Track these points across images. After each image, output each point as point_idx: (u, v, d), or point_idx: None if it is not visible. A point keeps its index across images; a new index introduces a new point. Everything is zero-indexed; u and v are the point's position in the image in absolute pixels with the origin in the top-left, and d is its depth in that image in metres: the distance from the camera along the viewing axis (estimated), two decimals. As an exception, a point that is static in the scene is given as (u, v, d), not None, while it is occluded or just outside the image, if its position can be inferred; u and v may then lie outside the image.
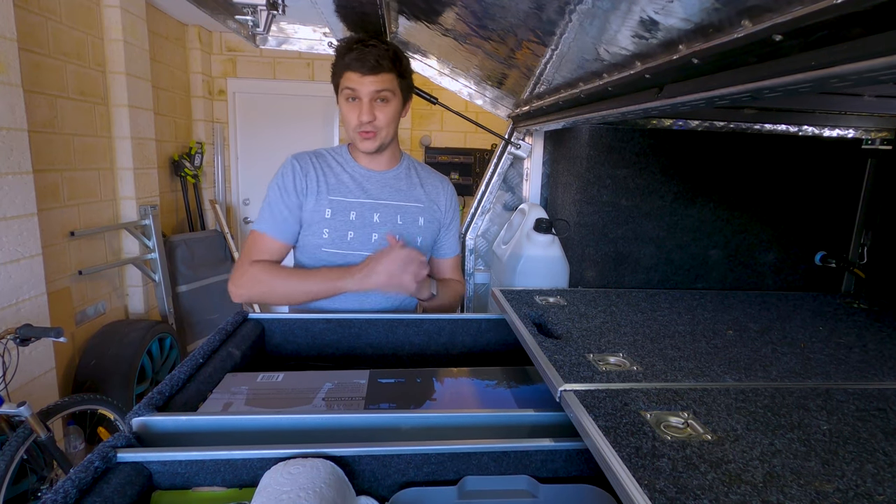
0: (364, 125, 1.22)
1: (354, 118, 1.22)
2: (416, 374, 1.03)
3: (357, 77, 1.19)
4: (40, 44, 2.52)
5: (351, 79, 1.20)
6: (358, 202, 1.28)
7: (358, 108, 1.21)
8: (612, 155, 1.48)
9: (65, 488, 0.59)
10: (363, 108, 1.21)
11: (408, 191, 1.34)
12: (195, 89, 4.22)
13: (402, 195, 1.33)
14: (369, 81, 1.19)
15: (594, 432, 0.64)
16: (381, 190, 1.31)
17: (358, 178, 1.30)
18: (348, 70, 1.19)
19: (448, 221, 1.41)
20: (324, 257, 1.28)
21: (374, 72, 1.18)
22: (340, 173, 1.30)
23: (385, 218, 1.30)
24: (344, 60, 1.20)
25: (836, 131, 1.45)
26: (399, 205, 1.32)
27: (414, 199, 1.34)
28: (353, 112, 1.23)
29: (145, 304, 3.31)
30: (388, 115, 1.24)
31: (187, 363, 0.94)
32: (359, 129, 1.23)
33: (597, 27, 0.78)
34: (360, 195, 1.29)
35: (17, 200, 2.18)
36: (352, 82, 1.20)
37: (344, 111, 1.25)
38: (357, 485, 0.71)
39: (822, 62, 0.48)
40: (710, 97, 0.68)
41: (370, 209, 1.29)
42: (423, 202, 1.35)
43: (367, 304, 1.31)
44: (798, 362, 0.92)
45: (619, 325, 1.10)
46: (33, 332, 1.88)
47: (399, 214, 1.31)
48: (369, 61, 1.17)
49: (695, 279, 1.56)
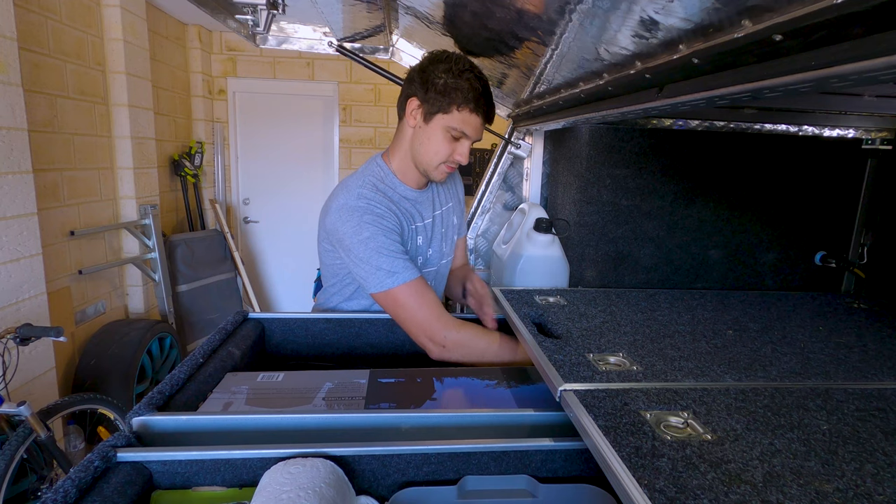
0: (456, 163, 1.19)
1: (450, 155, 1.16)
2: (416, 373, 1.03)
3: (478, 124, 1.14)
4: (40, 43, 2.52)
5: (470, 123, 1.13)
6: (419, 226, 1.27)
7: (461, 147, 1.16)
8: (612, 155, 1.48)
9: (65, 488, 0.59)
10: (465, 152, 1.16)
11: (440, 197, 1.35)
12: (195, 89, 4.22)
13: (439, 202, 1.34)
14: (482, 131, 1.17)
15: (594, 432, 0.64)
16: (429, 208, 1.30)
17: (413, 203, 1.26)
18: (473, 113, 1.12)
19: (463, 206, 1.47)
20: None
21: (489, 122, 1.17)
22: (399, 201, 1.22)
23: (435, 231, 1.31)
24: (472, 101, 1.11)
25: (836, 131, 1.45)
26: (440, 213, 1.34)
27: (447, 200, 1.37)
28: (449, 147, 1.15)
29: (145, 304, 3.31)
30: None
31: (187, 363, 0.94)
32: (451, 164, 1.18)
33: (597, 27, 0.78)
34: (419, 219, 1.26)
35: (17, 200, 2.18)
36: (469, 127, 1.13)
37: (439, 142, 1.15)
38: (357, 484, 0.71)
39: (822, 62, 0.48)
40: (710, 97, 0.68)
41: (426, 229, 1.29)
42: (452, 200, 1.39)
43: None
44: (798, 362, 0.92)
45: (619, 324, 1.10)
46: (33, 331, 1.88)
47: (442, 222, 1.34)
48: (492, 113, 1.16)
49: (695, 279, 1.56)
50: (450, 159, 1.17)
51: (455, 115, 1.12)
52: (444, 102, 1.11)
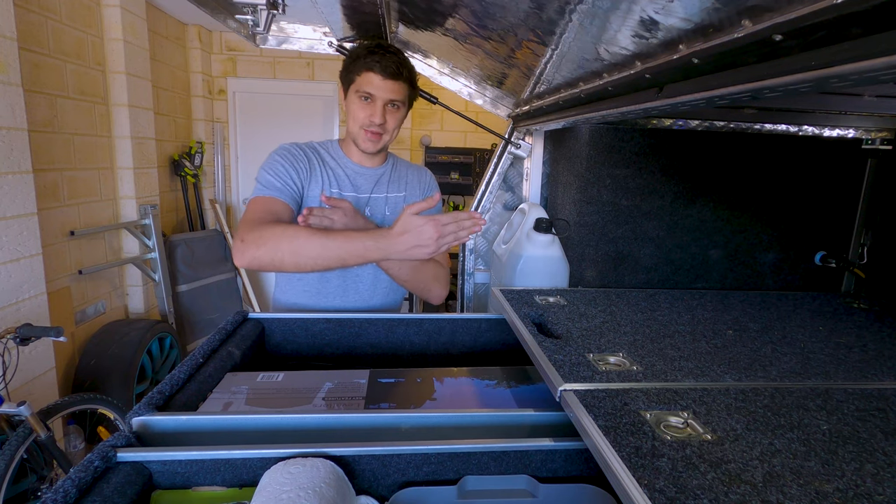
0: (375, 126, 1.25)
1: (366, 117, 1.25)
2: (416, 373, 1.03)
3: (378, 80, 1.22)
4: (40, 43, 2.52)
5: (370, 81, 1.22)
6: (351, 196, 1.32)
7: (371, 108, 1.24)
8: (612, 155, 1.48)
9: (65, 488, 0.59)
10: (376, 111, 1.24)
11: (392, 184, 1.39)
12: (195, 89, 4.22)
13: (388, 188, 1.38)
14: (388, 87, 1.22)
15: (594, 432, 0.64)
16: (370, 185, 1.36)
17: (350, 173, 1.34)
18: (369, 71, 1.21)
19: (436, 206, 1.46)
20: None
21: (394, 78, 1.22)
22: (335, 167, 1.33)
23: (375, 210, 1.36)
24: (365, 61, 1.21)
25: (836, 131, 1.45)
26: (386, 196, 1.37)
27: (399, 189, 1.40)
28: (364, 111, 1.25)
29: (145, 304, 3.31)
30: (397, 121, 1.29)
31: (187, 363, 0.94)
32: (368, 127, 1.26)
33: (597, 27, 0.78)
34: (351, 190, 1.33)
35: (17, 200, 2.18)
36: (370, 85, 1.22)
37: (354, 108, 1.27)
38: (357, 484, 0.71)
39: (822, 62, 0.48)
40: (710, 97, 0.68)
41: (362, 204, 1.34)
42: (406, 191, 1.41)
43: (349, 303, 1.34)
44: (798, 362, 0.92)
45: (619, 324, 1.10)
46: (33, 331, 1.88)
47: (387, 206, 1.37)
48: (391, 67, 1.21)
49: (695, 279, 1.56)
50: (366, 123, 1.25)
51: (357, 79, 1.23)
52: (350, 73, 1.25)
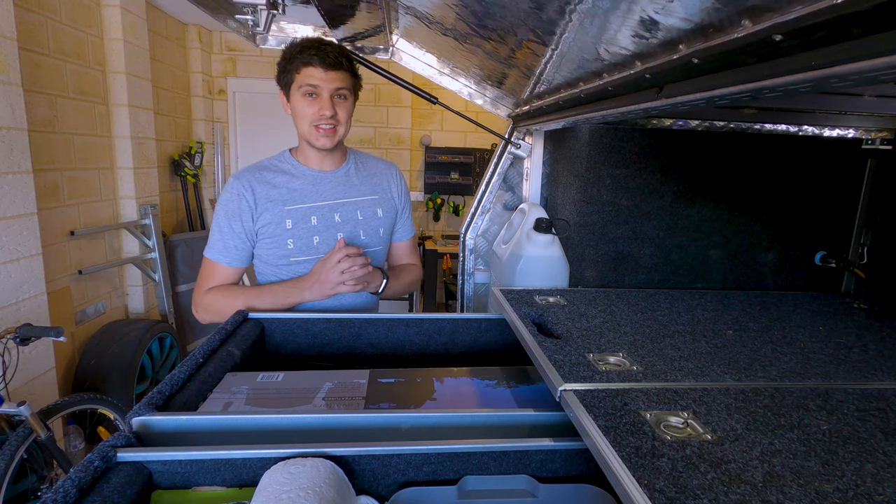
0: (326, 120, 1.23)
1: (315, 113, 1.22)
2: (416, 373, 1.03)
3: (319, 73, 1.20)
4: (40, 43, 2.52)
5: (312, 74, 1.20)
6: (317, 206, 1.30)
7: (318, 103, 1.22)
8: (612, 155, 1.48)
9: (65, 488, 0.59)
10: (325, 103, 1.22)
11: (361, 185, 1.36)
12: (195, 89, 4.22)
13: (357, 191, 1.35)
14: (331, 77, 1.21)
15: (594, 432, 0.64)
16: (336, 189, 1.33)
17: (312, 181, 1.31)
18: (308, 66, 1.20)
19: (402, 206, 1.46)
20: (293, 267, 1.30)
21: (335, 68, 1.20)
22: (290, 181, 1.30)
23: (346, 216, 1.33)
24: (302, 56, 1.20)
25: (836, 131, 1.45)
26: (356, 201, 1.34)
27: (369, 192, 1.37)
28: (312, 107, 1.23)
29: (145, 304, 3.31)
30: (347, 111, 1.27)
31: (187, 363, 0.94)
32: (319, 123, 1.23)
33: (597, 27, 0.78)
34: (316, 199, 1.30)
35: (17, 200, 2.18)
36: (313, 78, 1.20)
37: (300, 107, 1.24)
38: (357, 484, 0.71)
39: (822, 62, 0.48)
40: (710, 97, 0.68)
41: (330, 210, 1.31)
42: (378, 193, 1.39)
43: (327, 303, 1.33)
44: (798, 362, 0.92)
45: (619, 324, 1.10)
46: (33, 331, 1.88)
47: (358, 210, 1.34)
48: (330, 57, 1.19)
49: (695, 279, 1.56)
50: (316, 118, 1.23)
51: (298, 77, 1.22)
52: (288, 73, 1.24)
